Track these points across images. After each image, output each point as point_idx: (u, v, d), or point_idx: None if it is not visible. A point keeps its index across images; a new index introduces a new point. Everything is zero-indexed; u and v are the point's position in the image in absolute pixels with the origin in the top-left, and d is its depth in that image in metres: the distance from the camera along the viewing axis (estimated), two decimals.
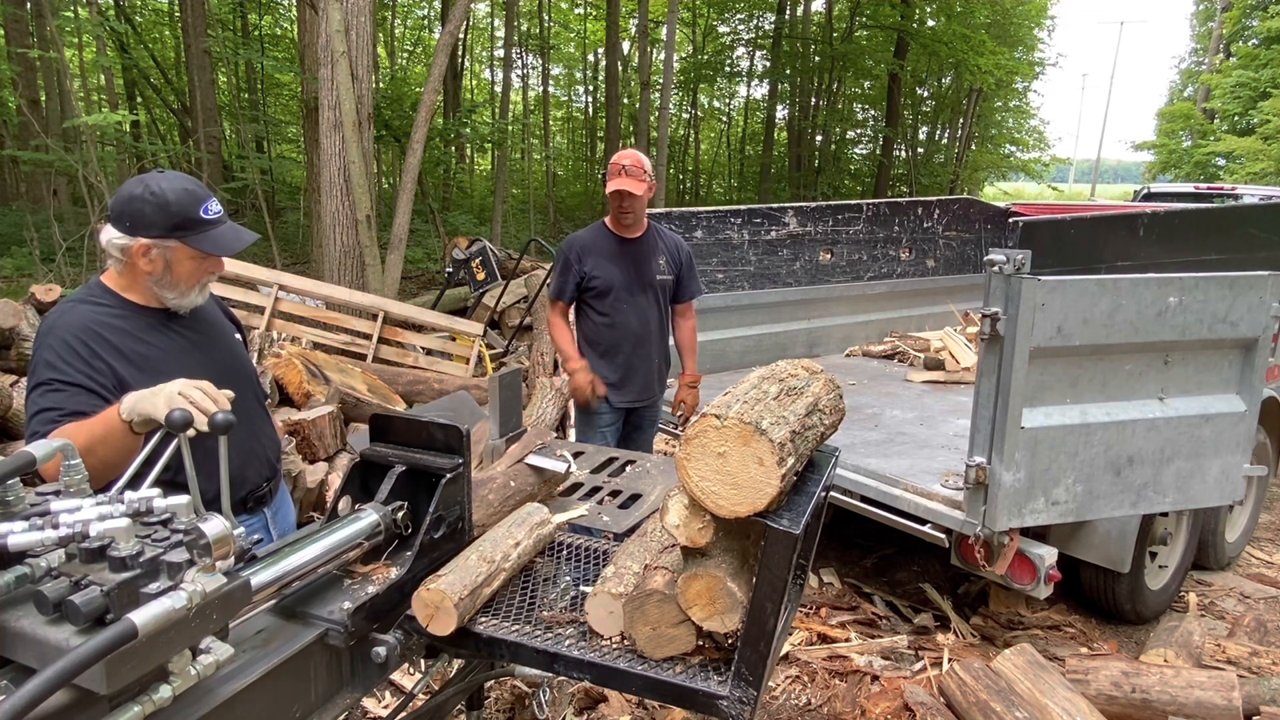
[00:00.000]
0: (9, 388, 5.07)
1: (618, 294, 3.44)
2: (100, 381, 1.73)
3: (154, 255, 1.79)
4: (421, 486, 1.58)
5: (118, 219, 1.78)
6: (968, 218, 6.22)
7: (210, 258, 1.85)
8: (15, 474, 1.08)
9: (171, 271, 1.82)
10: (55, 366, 1.72)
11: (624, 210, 3.35)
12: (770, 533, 1.27)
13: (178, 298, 1.86)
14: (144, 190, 1.76)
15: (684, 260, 3.61)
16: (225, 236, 1.85)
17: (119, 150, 11.30)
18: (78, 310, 1.80)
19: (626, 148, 5.01)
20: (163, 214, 1.76)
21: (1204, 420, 3.07)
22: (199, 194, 1.82)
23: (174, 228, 1.77)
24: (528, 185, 20.92)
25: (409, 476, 1.58)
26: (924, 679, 3.05)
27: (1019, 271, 2.66)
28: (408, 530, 1.56)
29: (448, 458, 1.60)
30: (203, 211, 1.81)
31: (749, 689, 1.32)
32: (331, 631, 1.36)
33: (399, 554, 1.55)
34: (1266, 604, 3.87)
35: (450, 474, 1.57)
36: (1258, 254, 4.08)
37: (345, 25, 6.87)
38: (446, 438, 1.61)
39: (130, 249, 1.78)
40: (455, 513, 1.63)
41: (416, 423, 1.64)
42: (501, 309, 8.39)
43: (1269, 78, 18.91)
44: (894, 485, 3.25)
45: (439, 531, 1.58)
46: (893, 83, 20.72)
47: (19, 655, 0.97)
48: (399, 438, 1.66)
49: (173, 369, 1.75)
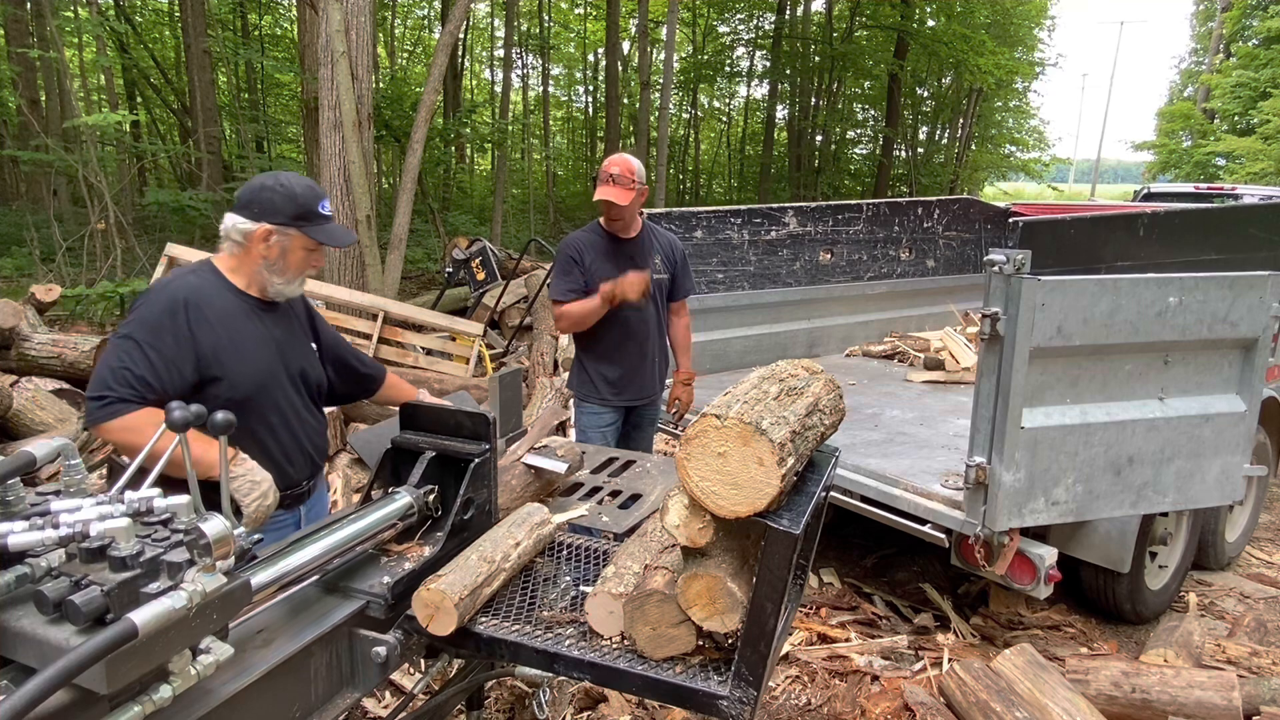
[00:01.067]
0: (9, 388, 5.08)
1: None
2: (179, 352, 1.87)
3: (274, 241, 1.97)
4: (450, 471, 1.67)
5: (245, 206, 1.97)
6: (968, 218, 6.22)
7: (315, 252, 2.04)
8: (15, 474, 1.08)
9: (285, 258, 2.00)
10: (148, 325, 1.87)
11: (612, 218, 3.36)
12: (770, 533, 1.27)
13: (283, 284, 2.04)
14: (274, 183, 1.98)
15: (679, 259, 3.59)
16: (336, 231, 2.07)
17: (119, 150, 11.30)
18: (186, 280, 1.96)
19: (626, 148, 5.01)
20: (290, 204, 1.96)
21: (1204, 420, 3.07)
22: (318, 192, 2.04)
23: (296, 217, 1.97)
24: (528, 185, 20.92)
25: (438, 462, 1.67)
26: (924, 679, 3.05)
27: (1019, 271, 2.66)
28: (438, 512, 1.66)
29: (475, 444, 1.68)
30: (320, 207, 2.02)
31: (749, 689, 1.32)
32: (372, 603, 1.45)
33: (431, 534, 1.64)
34: (1266, 604, 3.87)
35: (479, 459, 1.65)
36: (1258, 254, 4.08)
37: (345, 25, 6.87)
38: (474, 424, 1.69)
39: (252, 233, 1.96)
40: (483, 495, 1.71)
41: (445, 411, 1.73)
42: (501, 309, 8.39)
43: (1269, 78, 18.90)
44: (894, 485, 3.25)
45: (468, 513, 1.67)
46: (893, 83, 20.72)
47: (19, 655, 0.97)
48: (428, 425, 1.74)
49: (251, 355, 1.97)
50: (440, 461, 1.68)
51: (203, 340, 1.89)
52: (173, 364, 1.85)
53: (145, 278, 7.29)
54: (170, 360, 1.85)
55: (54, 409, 5.17)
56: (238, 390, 1.94)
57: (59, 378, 5.65)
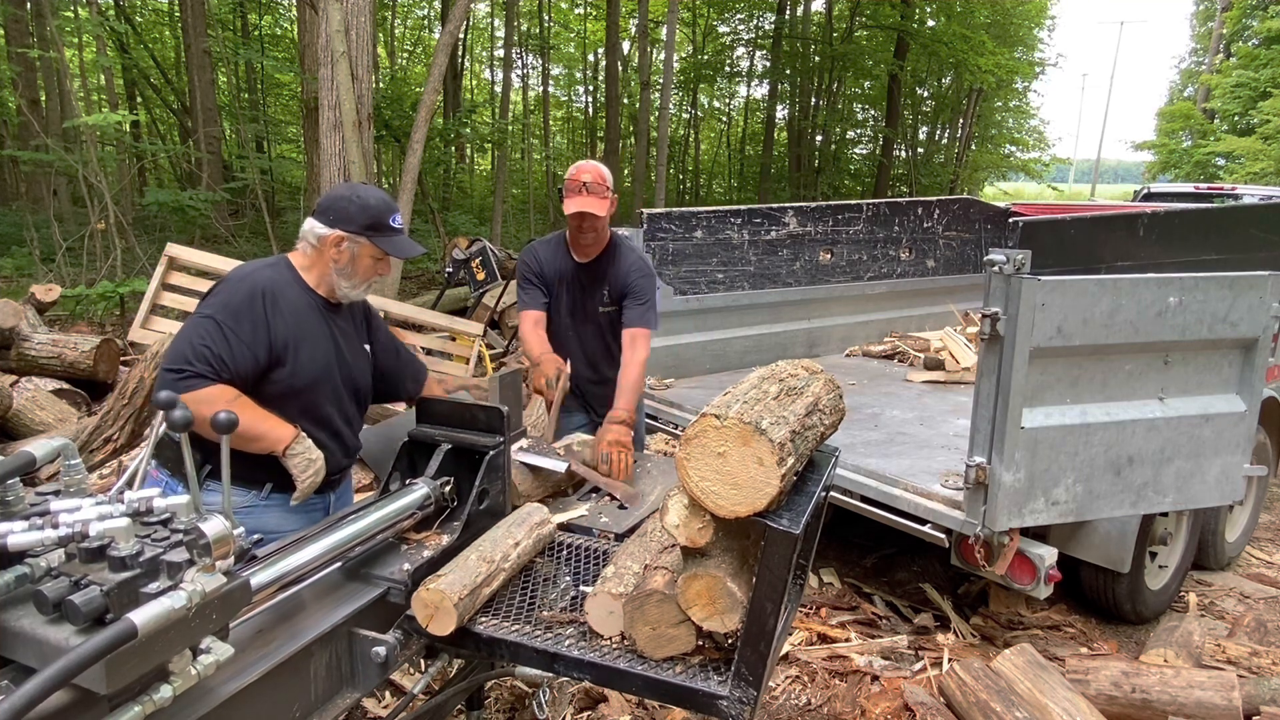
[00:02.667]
0: (9, 388, 5.08)
1: (562, 321, 3.19)
2: (255, 338, 2.00)
3: (344, 247, 2.10)
4: (464, 464, 1.74)
5: (323, 213, 2.11)
6: (968, 218, 6.22)
7: (383, 260, 2.15)
8: (15, 474, 1.08)
9: (354, 264, 2.12)
10: (230, 309, 1.99)
11: (584, 230, 3.00)
12: (770, 533, 1.27)
13: (350, 288, 2.16)
14: (351, 193, 2.13)
15: (631, 288, 3.10)
16: (404, 244, 2.18)
17: (119, 150, 11.29)
18: (265, 273, 2.10)
19: (626, 148, 4.96)
20: (363, 214, 2.09)
21: (1204, 420, 3.07)
22: (391, 206, 2.15)
23: (367, 227, 2.09)
24: (528, 185, 20.90)
25: (454, 454, 1.74)
26: (924, 679, 3.05)
27: (1019, 271, 2.66)
28: (454, 503, 1.73)
29: (489, 437, 1.74)
30: (392, 220, 2.13)
31: (749, 689, 1.32)
32: (393, 589, 1.51)
33: (448, 524, 1.71)
34: (1266, 604, 3.87)
35: (493, 451, 1.72)
36: (1258, 254, 4.07)
37: (345, 25, 6.87)
38: (488, 418, 1.75)
39: (326, 238, 2.09)
40: (497, 486, 1.77)
41: (460, 405, 1.81)
42: (501, 309, 8.39)
43: (1269, 78, 18.90)
44: (894, 485, 3.24)
45: (484, 504, 1.73)
46: (893, 83, 20.71)
47: (19, 655, 0.97)
48: (443, 419, 1.80)
49: (315, 349, 2.11)
50: (455, 454, 1.74)
51: (277, 329, 2.02)
52: (249, 348, 1.98)
53: (145, 278, 7.27)
54: (247, 344, 1.97)
55: (54, 409, 5.17)
56: (298, 379, 2.07)
57: (59, 378, 5.64)
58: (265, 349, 2.01)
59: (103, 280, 8.17)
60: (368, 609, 1.48)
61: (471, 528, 1.69)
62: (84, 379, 5.74)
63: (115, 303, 8.03)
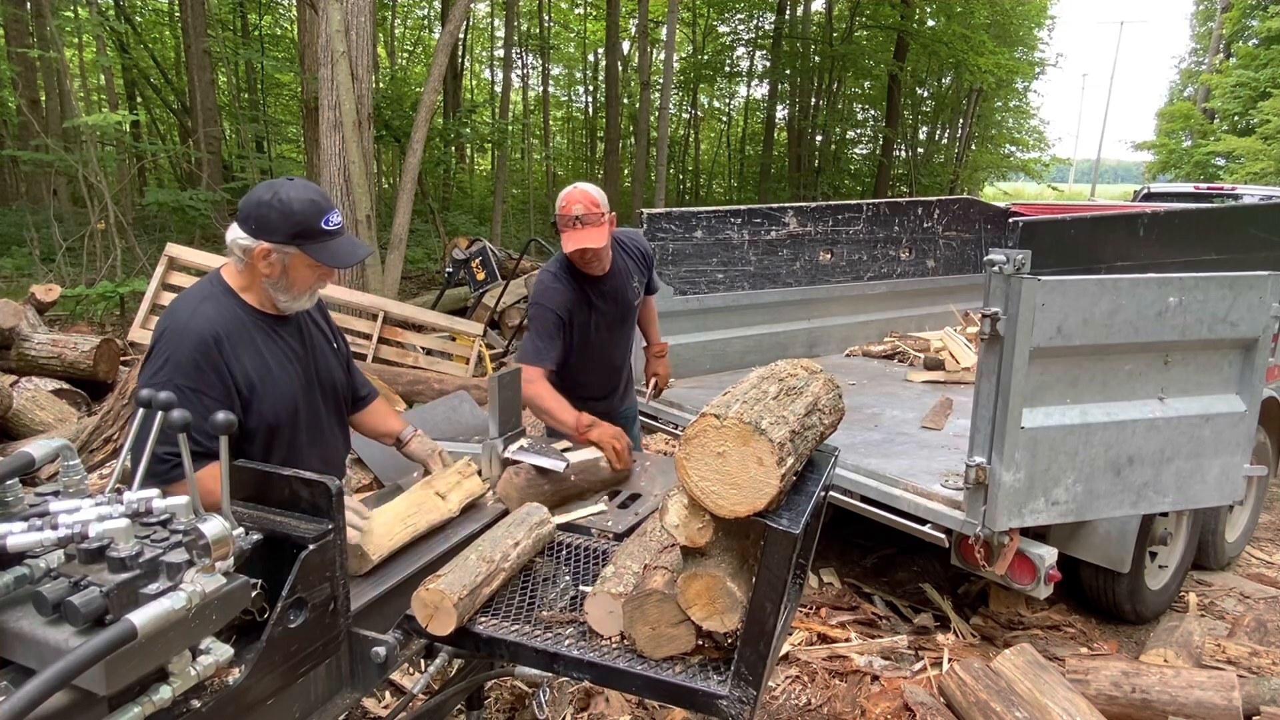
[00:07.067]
0: (9, 388, 5.08)
1: (600, 336, 3.11)
2: (224, 388, 1.81)
3: (273, 259, 1.86)
4: (286, 557, 1.29)
5: (244, 221, 1.85)
6: (968, 218, 6.22)
7: (321, 267, 1.91)
8: (15, 474, 1.08)
9: (288, 276, 1.89)
10: (184, 370, 1.76)
11: (588, 262, 2.92)
12: (770, 533, 1.27)
13: (289, 301, 1.94)
14: (272, 197, 1.84)
15: (648, 266, 3.28)
16: (342, 248, 1.92)
17: (119, 150, 11.28)
18: (204, 312, 1.85)
19: (626, 148, 4.93)
20: (286, 221, 1.83)
21: (1204, 420, 3.07)
22: (322, 205, 1.88)
23: (295, 235, 1.84)
24: (528, 185, 20.89)
25: (267, 545, 1.27)
26: (924, 679, 3.05)
27: (1019, 271, 2.66)
28: (264, 615, 1.26)
29: (313, 522, 1.30)
30: (324, 223, 1.88)
31: (749, 689, 1.32)
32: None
33: (252, 644, 1.23)
34: (1266, 604, 3.87)
35: (314, 543, 1.26)
36: (1258, 254, 4.08)
37: (345, 25, 6.87)
38: (312, 496, 1.30)
39: (252, 251, 1.85)
40: (323, 593, 1.29)
41: (276, 476, 1.37)
42: (501, 309, 8.39)
43: (1269, 78, 18.89)
44: (894, 485, 3.24)
45: (298, 618, 1.25)
46: (893, 83, 20.71)
47: (19, 656, 0.97)
48: (255, 494, 1.36)
49: (277, 376, 1.90)
50: (270, 545, 1.28)
51: (238, 374, 1.84)
52: (221, 401, 1.79)
53: (145, 278, 7.27)
54: (219, 399, 1.79)
55: (54, 409, 5.17)
56: (267, 417, 1.88)
57: (59, 378, 5.65)
58: (235, 397, 1.83)
59: (103, 280, 8.18)
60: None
61: (275, 654, 1.23)
62: (84, 379, 5.75)
63: (115, 303, 8.04)
